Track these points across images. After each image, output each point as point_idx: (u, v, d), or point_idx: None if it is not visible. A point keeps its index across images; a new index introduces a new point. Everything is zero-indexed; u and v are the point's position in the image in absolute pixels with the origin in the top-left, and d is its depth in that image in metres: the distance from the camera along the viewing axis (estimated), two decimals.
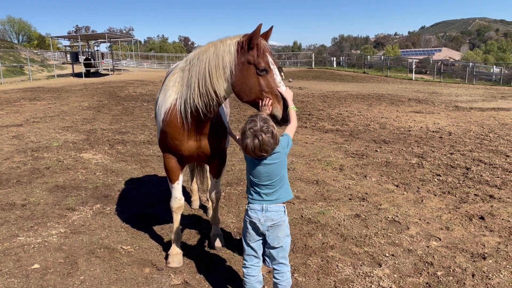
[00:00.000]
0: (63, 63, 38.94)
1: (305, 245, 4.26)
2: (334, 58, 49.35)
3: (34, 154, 8.08)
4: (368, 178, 6.54)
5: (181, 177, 3.84)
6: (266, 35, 3.22)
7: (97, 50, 37.61)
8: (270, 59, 3.11)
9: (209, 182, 4.52)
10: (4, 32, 76.71)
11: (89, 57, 34.39)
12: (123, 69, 42.13)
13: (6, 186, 6.18)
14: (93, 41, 39.85)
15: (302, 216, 4.99)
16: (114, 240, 4.36)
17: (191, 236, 4.54)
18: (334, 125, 11.49)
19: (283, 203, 3.00)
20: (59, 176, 6.64)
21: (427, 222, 4.78)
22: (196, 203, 5.37)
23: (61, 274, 3.68)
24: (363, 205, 5.34)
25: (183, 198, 3.89)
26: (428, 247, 4.18)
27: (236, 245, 4.25)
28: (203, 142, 3.59)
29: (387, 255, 4.02)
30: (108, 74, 33.68)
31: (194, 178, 5.36)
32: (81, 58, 33.15)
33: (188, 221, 4.95)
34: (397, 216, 4.97)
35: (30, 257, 3.99)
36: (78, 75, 31.54)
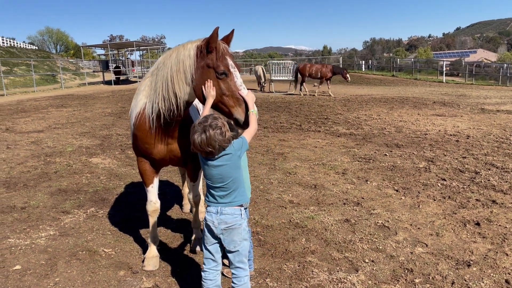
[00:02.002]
0: (93, 71, 40.26)
1: (285, 249, 4.18)
2: (363, 62, 48.70)
3: (46, 159, 8.34)
4: (369, 182, 6.38)
5: (155, 181, 3.86)
6: (228, 38, 3.22)
7: (128, 58, 38.67)
8: (230, 62, 3.09)
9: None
10: (43, 42, 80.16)
11: (119, 65, 35.39)
12: None
13: (13, 189, 6.40)
14: (124, 50, 41.00)
15: (290, 221, 4.91)
16: (98, 243, 4.43)
17: (175, 240, 4.55)
18: (349, 129, 11.30)
19: (240, 206, 2.96)
20: (64, 180, 6.83)
21: (418, 228, 4.61)
22: (187, 207, 5.39)
23: (39, 276, 3.76)
24: (356, 210, 5.21)
25: (158, 202, 3.91)
26: (412, 253, 4.02)
27: None
28: (173, 146, 3.61)
29: (366, 260, 3.89)
30: (137, 81, 34.50)
31: (185, 182, 5.38)
32: (111, 66, 34.14)
33: (175, 224, 4.98)
34: (387, 221, 4.81)
35: (15, 258, 4.10)
36: (108, 82, 32.48)
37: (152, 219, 3.93)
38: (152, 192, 3.85)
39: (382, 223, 4.77)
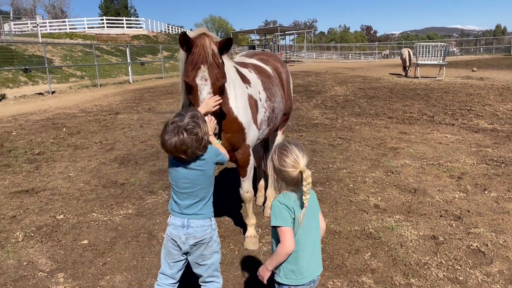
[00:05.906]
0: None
1: (342, 263, 3.65)
2: None
3: None
4: (486, 192, 5.24)
5: None
6: (221, 44, 3.04)
7: (275, 43, 39.73)
8: (200, 73, 2.92)
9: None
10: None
11: (264, 49, 36.60)
12: (297, 61, 43.46)
13: (124, 165, 7.02)
14: (274, 34, 42.28)
15: (364, 229, 4.30)
16: (162, 227, 4.50)
17: (233, 234, 4.38)
18: (492, 124, 9.59)
19: (209, 218, 2.59)
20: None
21: None
22: (260, 200, 5.17)
23: (97, 253, 3.98)
24: (452, 226, 4.30)
25: None
26: None
27: (268, 250, 3.93)
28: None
29: None
30: None
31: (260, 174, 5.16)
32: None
33: (240, 218, 4.80)
34: (486, 245, 3.84)
35: (88, 233, 4.43)
36: None
37: None
38: None
39: (477, 246, 3.83)
